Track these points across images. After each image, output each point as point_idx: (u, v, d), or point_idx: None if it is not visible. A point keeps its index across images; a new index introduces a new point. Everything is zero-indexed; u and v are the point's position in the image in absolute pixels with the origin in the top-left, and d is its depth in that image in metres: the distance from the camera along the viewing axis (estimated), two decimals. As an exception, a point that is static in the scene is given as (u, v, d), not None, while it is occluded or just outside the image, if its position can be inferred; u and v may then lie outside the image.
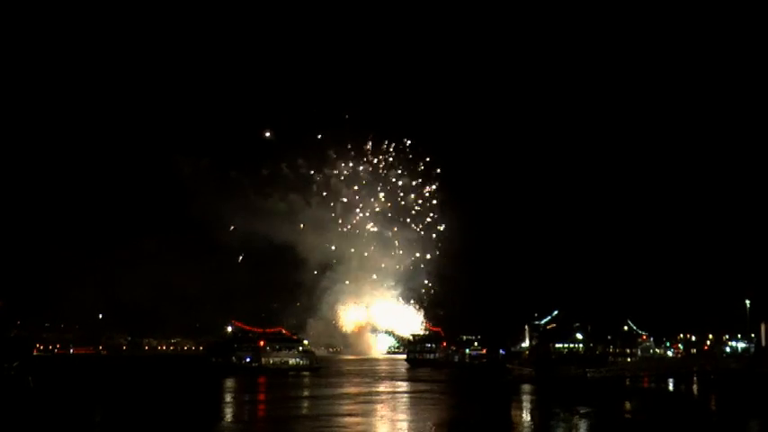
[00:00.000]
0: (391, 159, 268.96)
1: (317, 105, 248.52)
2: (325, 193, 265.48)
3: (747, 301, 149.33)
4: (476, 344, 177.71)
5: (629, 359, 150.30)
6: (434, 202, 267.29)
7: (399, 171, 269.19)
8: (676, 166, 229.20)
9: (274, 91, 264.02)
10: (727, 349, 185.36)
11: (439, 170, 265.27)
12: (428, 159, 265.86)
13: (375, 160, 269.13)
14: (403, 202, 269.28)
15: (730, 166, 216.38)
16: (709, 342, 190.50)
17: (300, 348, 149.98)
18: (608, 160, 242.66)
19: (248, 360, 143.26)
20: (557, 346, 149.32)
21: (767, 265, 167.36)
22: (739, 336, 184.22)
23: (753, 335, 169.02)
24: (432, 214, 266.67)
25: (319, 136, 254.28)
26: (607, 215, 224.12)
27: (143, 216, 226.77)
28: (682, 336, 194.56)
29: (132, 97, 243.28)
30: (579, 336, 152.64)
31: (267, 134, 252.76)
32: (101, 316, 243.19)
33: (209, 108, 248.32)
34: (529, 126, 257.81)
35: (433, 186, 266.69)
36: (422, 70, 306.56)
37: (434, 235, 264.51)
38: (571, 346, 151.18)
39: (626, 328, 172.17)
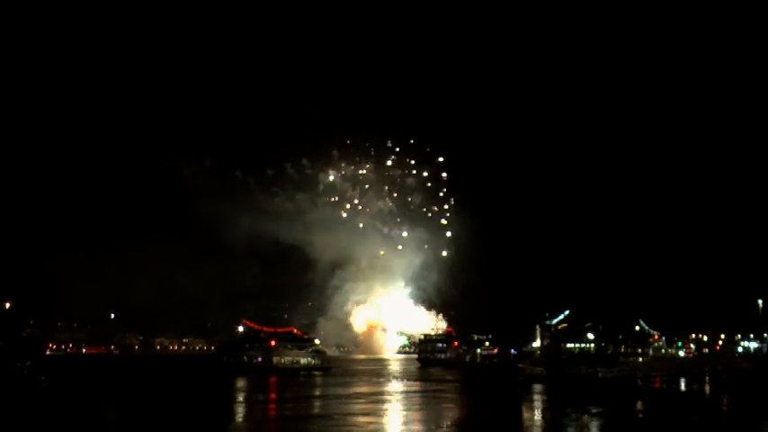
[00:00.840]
0: (398, 158, 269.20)
1: (321, 104, 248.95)
2: (332, 195, 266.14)
3: (760, 301, 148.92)
4: (487, 343, 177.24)
5: (640, 359, 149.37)
6: (445, 202, 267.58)
7: (409, 172, 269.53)
8: (689, 167, 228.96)
9: (278, 91, 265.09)
10: (740, 349, 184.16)
11: (447, 173, 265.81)
12: (439, 161, 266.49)
13: (385, 161, 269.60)
14: (414, 203, 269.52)
15: (742, 167, 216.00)
16: (721, 342, 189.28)
17: (312, 348, 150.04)
18: (620, 161, 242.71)
19: (259, 360, 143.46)
20: (568, 345, 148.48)
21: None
22: (752, 336, 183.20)
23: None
24: (442, 215, 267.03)
25: (324, 135, 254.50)
26: (619, 215, 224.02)
27: (154, 216, 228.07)
28: (694, 336, 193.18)
29: (143, 101, 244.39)
30: (590, 335, 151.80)
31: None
32: (113, 316, 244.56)
33: (214, 108, 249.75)
34: (541, 127, 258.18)
35: (444, 187, 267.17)
36: (431, 72, 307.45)
37: (446, 235, 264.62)
38: (582, 345, 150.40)
39: (637, 327, 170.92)
